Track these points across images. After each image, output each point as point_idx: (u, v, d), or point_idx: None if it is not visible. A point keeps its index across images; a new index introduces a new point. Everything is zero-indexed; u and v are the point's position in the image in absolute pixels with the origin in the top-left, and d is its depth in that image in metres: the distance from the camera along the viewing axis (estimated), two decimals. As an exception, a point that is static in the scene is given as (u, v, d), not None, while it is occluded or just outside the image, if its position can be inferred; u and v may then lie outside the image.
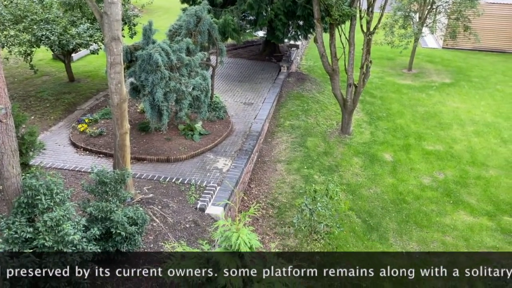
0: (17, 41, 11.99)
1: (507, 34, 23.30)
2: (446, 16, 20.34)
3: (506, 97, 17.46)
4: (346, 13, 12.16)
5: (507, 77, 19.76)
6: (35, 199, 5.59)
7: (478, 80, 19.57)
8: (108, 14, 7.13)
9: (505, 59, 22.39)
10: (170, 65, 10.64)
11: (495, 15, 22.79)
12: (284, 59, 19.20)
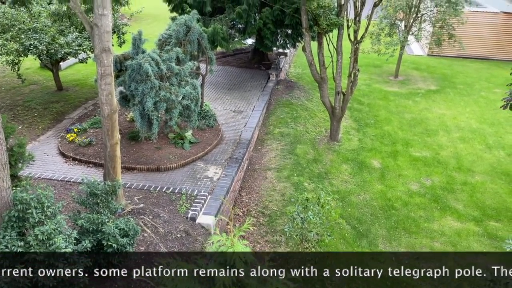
0: (4, 50, 11.89)
1: (491, 41, 23.84)
2: (431, 24, 20.75)
3: (490, 104, 17.84)
4: (333, 23, 12.35)
5: (491, 84, 20.20)
6: (26, 213, 5.56)
7: (463, 87, 19.97)
8: (99, 25, 7.15)
9: (489, 66, 22.89)
10: (160, 74, 10.66)
11: (479, 23, 23.31)
12: (273, 67, 19.36)
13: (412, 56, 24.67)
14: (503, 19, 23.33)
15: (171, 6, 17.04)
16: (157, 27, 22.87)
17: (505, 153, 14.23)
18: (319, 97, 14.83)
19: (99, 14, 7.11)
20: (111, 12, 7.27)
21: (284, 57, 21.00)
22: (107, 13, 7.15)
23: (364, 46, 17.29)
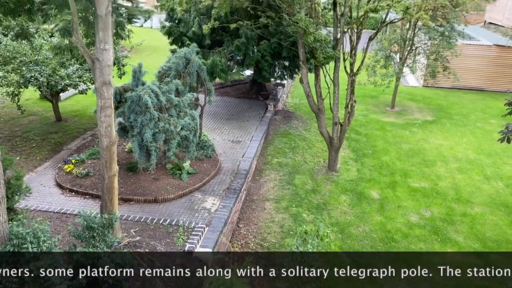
0: (5, 82, 12.02)
1: (485, 73, 24.29)
2: (426, 57, 21.19)
3: (487, 134, 17.98)
4: (330, 56, 12.58)
5: (486, 115, 20.43)
6: (21, 248, 5.47)
7: (459, 117, 20.17)
8: (100, 60, 7.27)
9: (484, 97, 23.22)
10: (160, 106, 10.75)
11: (473, 56, 23.83)
12: (270, 97, 19.57)
13: (408, 87, 25.04)
14: (496, 52, 23.86)
15: (171, 39, 17.39)
16: (157, 58, 23.25)
17: (504, 184, 14.23)
18: (316, 127, 14.93)
19: (101, 48, 7.24)
20: (112, 47, 7.41)
21: (282, 88, 21.28)
22: (108, 47, 7.28)
23: (361, 78, 17.57)
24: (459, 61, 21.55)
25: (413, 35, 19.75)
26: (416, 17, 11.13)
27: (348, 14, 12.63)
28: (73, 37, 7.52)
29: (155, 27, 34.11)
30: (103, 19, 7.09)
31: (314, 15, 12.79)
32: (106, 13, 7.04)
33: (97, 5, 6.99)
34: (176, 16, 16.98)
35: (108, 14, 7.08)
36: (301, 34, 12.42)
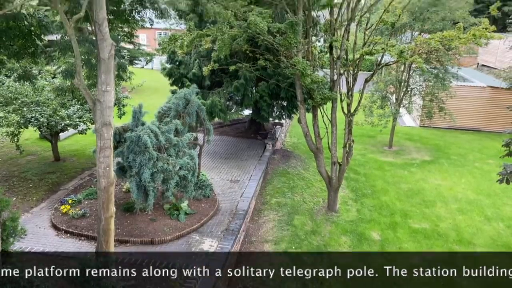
0: (5, 122, 12.11)
1: (480, 114, 24.66)
2: (421, 98, 21.56)
3: (485, 175, 17.97)
4: (327, 97, 12.79)
5: (483, 155, 20.52)
6: (13, 293, 5.30)
7: (457, 157, 20.25)
8: (101, 101, 7.37)
9: (480, 138, 23.43)
10: (159, 146, 10.80)
11: (468, 97, 24.29)
12: (269, 136, 19.71)
13: (405, 127, 25.31)
14: (490, 93, 24.35)
15: (172, 80, 17.72)
16: (157, 99, 23.57)
17: (504, 225, 14.07)
18: (315, 166, 14.92)
19: (103, 90, 7.36)
20: (114, 89, 7.53)
21: (280, 127, 21.47)
22: (110, 89, 7.41)
23: (358, 118, 17.77)
24: (455, 102, 21.92)
25: (408, 76, 20.19)
26: (411, 60, 11.42)
27: (344, 57, 12.96)
28: (76, 80, 7.66)
29: (156, 68, 34.85)
30: (105, 62, 7.26)
31: (311, 57, 13.11)
32: (109, 57, 7.22)
33: (100, 49, 7.18)
34: (177, 58, 17.39)
35: (110, 57, 7.25)
36: (299, 76, 12.68)
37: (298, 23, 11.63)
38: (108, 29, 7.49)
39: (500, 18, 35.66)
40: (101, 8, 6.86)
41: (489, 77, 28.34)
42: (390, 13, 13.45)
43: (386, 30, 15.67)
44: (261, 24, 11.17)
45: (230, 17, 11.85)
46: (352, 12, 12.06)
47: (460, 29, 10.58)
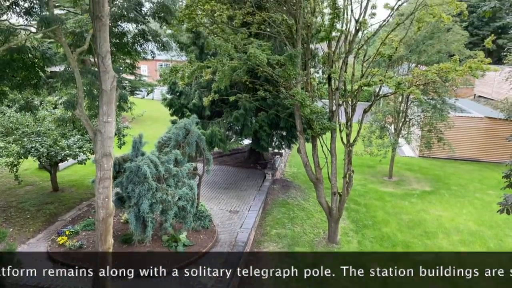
0: (5, 152, 12.11)
1: (478, 144, 24.75)
2: (420, 128, 21.70)
3: (486, 206, 17.85)
4: (326, 127, 12.86)
5: (484, 186, 20.45)
6: (5, 329, 5.14)
7: (457, 188, 20.16)
8: (102, 132, 7.41)
9: (480, 168, 23.42)
10: (158, 176, 10.78)
11: (466, 127, 24.46)
12: (268, 166, 19.69)
13: (404, 157, 25.33)
14: (487, 124, 24.53)
15: (172, 110, 17.88)
16: (157, 129, 23.70)
17: (507, 257, 13.82)
18: (315, 197, 14.82)
19: (104, 121, 7.41)
20: (115, 119, 7.59)
21: (280, 157, 21.49)
22: (111, 120, 7.46)
23: (357, 148, 17.81)
24: (453, 133, 22.06)
25: (406, 107, 20.40)
26: (408, 92, 11.57)
27: (343, 88, 13.13)
28: (77, 110, 7.73)
29: (156, 99, 35.26)
30: (107, 94, 7.35)
31: (310, 88, 13.29)
32: (111, 88, 7.31)
33: (103, 81, 7.28)
34: (178, 89, 17.62)
35: (112, 89, 7.34)
36: (298, 107, 12.81)
37: (297, 55, 11.86)
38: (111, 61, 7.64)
39: (495, 51, 36.48)
40: (104, 42, 7.01)
41: (487, 108, 28.64)
42: (387, 46, 13.74)
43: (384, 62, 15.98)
44: (261, 56, 11.37)
45: (231, 49, 12.10)
46: (349, 45, 12.32)
47: (456, 61, 10.79)
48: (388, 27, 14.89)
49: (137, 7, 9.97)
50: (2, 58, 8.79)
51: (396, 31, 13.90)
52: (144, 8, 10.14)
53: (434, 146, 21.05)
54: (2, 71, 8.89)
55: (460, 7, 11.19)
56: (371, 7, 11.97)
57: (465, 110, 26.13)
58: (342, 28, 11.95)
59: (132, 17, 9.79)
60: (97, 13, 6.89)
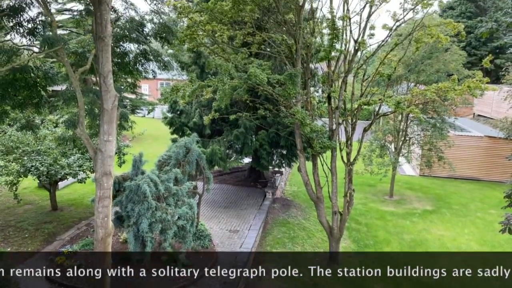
0: (5, 171, 12.09)
1: (479, 163, 24.71)
2: (420, 147, 21.71)
3: (488, 225, 17.70)
4: (326, 146, 12.86)
5: (485, 205, 20.33)
6: None
7: (458, 207, 20.04)
8: (103, 151, 7.42)
9: (481, 187, 23.32)
10: (158, 195, 10.73)
11: (466, 146, 24.47)
12: (269, 185, 19.62)
13: (405, 176, 25.27)
14: (487, 143, 24.55)
15: (173, 128, 17.94)
16: (157, 147, 23.72)
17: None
18: (315, 216, 14.71)
19: (104, 140, 7.43)
20: (115, 138, 7.61)
21: (280, 175, 21.44)
22: (112, 139, 7.48)
23: (358, 167, 17.79)
24: (453, 151, 22.06)
25: (406, 126, 20.46)
26: (408, 111, 11.62)
27: (342, 107, 13.20)
28: (78, 129, 7.76)
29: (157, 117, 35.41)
30: (109, 113, 7.39)
31: (310, 107, 13.36)
32: (112, 107, 7.36)
33: (104, 100, 7.33)
34: (178, 107, 17.72)
35: (114, 108, 7.39)
36: (298, 125, 12.84)
37: (296, 74, 11.96)
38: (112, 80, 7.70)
39: (493, 70, 36.83)
40: (106, 61, 7.09)
41: (486, 127, 28.71)
42: (386, 65, 13.87)
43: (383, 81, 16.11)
44: (261, 76, 11.47)
45: (231, 68, 12.22)
46: (349, 65, 12.44)
47: (455, 81, 10.87)
48: (387, 47, 15.08)
49: (139, 28, 10.09)
50: (4, 78, 8.86)
51: (395, 51, 14.07)
52: (146, 28, 10.26)
53: (434, 165, 21.01)
54: (5, 91, 8.94)
55: (457, 28, 11.35)
56: (369, 28, 12.15)
57: (464, 129, 26.21)
58: (341, 48, 12.09)
59: (134, 37, 9.89)
60: (99, 34, 6.99)
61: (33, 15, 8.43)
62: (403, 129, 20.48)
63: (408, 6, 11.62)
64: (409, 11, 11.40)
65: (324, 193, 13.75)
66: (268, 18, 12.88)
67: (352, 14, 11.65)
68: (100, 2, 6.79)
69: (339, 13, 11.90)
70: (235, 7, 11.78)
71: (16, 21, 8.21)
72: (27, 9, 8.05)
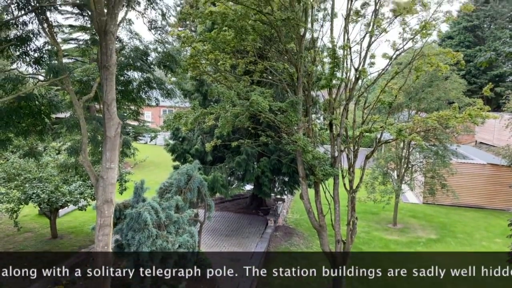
0: (6, 198, 12.05)
1: (482, 191, 24.51)
2: (422, 174, 21.60)
3: (494, 254, 17.37)
4: (328, 173, 12.81)
5: (490, 233, 20.03)
6: None
7: (463, 236, 19.74)
8: (104, 178, 7.41)
9: (485, 215, 23.04)
10: (159, 223, 10.63)
11: (469, 174, 24.35)
12: (271, 212, 19.43)
13: (408, 204, 25.04)
14: (490, 171, 24.43)
15: (175, 155, 17.97)
16: (159, 174, 23.70)
17: (521, 309, 13.26)
18: (318, 244, 14.49)
19: (106, 167, 7.44)
20: (117, 166, 7.61)
21: (282, 203, 21.26)
22: (114, 166, 7.48)
23: (360, 194, 17.68)
24: (457, 179, 21.94)
25: (408, 153, 20.43)
26: (409, 138, 11.64)
27: (344, 134, 13.23)
28: (81, 157, 7.77)
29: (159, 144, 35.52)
30: (111, 140, 7.42)
31: (311, 134, 13.40)
32: (115, 135, 7.40)
33: (107, 128, 7.38)
34: (181, 134, 17.80)
35: (116, 135, 7.43)
36: (300, 152, 12.84)
37: (298, 102, 12.07)
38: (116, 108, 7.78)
39: (493, 98, 37.08)
40: (110, 90, 7.18)
41: (488, 154, 28.65)
42: (387, 93, 13.99)
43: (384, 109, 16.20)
44: (263, 103, 11.58)
45: (233, 96, 12.35)
46: (350, 92, 12.56)
47: (456, 109, 10.94)
48: (388, 75, 15.26)
49: (143, 56, 10.28)
50: (9, 106, 8.95)
51: (395, 79, 14.23)
52: (150, 57, 10.45)
53: (438, 193, 20.84)
54: (9, 118, 9.02)
55: (456, 57, 11.50)
56: (370, 57, 12.33)
57: (467, 157, 26.14)
58: (342, 77, 12.23)
59: (138, 66, 10.06)
60: (104, 63, 7.11)
61: (40, 44, 8.61)
62: (405, 157, 20.44)
63: (407, 36, 11.83)
64: (408, 41, 11.59)
65: (327, 221, 13.59)
66: (270, 47, 13.12)
67: (352, 44, 11.85)
68: (106, 32, 6.95)
69: (339, 42, 12.14)
70: (238, 36, 12.01)
71: (23, 50, 8.37)
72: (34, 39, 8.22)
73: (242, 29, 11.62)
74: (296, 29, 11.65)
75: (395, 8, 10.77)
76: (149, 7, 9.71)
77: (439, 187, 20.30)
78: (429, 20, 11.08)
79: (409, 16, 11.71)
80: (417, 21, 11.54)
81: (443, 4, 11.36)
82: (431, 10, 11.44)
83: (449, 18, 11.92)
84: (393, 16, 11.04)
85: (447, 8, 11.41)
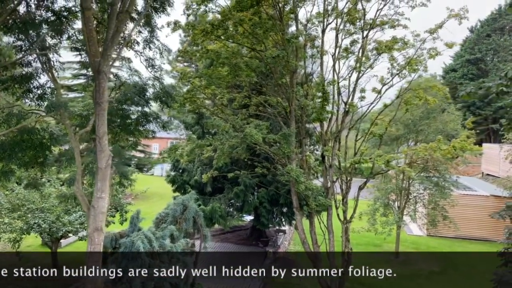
0: (9, 228, 12.46)
1: (486, 223, 24.18)
2: (423, 206, 21.54)
3: (496, 287, 17.06)
4: (322, 203, 13.04)
5: (493, 266, 19.65)
6: None
7: (466, 268, 19.42)
8: (95, 207, 7.81)
9: (489, 248, 22.63)
10: (152, 252, 10.88)
11: (472, 205, 24.14)
12: (270, 244, 19.48)
13: (412, 236, 24.79)
14: (493, 202, 24.19)
15: (175, 186, 18.36)
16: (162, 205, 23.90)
17: None
18: (315, 277, 14.47)
19: (97, 197, 7.85)
20: (108, 195, 8.02)
21: (283, 234, 21.28)
22: (104, 196, 7.89)
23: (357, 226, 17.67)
24: (459, 211, 21.81)
25: (408, 184, 20.47)
26: (400, 170, 11.89)
27: (336, 165, 13.52)
28: (75, 187, 8.21)
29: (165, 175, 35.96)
30: (102, 171, 7.87)
31: (305, 166, 13.72)
32: (106, 166, 7.85)
33: (99, 159, 7.85)
34: (181, 166, 18.26)
35: (107, 166, 7.88)
36: (293, 183, 13.14)
37: (290, 134, 12.49)
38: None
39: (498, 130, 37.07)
40: (102, 124, 7.70)
41: (493, 186, 28.42)
42: (379, 125, 14.35)
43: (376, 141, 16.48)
44: (256, 136, 12.02)
45: (229, 128, 12.83)
46: (341, 125, 12.96)
47: (441, 141, 11.21)
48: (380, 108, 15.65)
49: (141, 92, 10.89)
50: (13, 139, 9.53)
51: (388, 112, 14.61)
52: (147, 93, 11.06)
53: (441, 225, 20.67)
54: (12, 151, 9.58)
55: (442, 90, 11.90)
56: (360, 91, 12.81)
57: (469, 188, 25.98)
58: (332, 110, 12.68)
59: (136, 101, 10.66)
60: (97, 100, 7.67)
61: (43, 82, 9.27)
62: (406, 188, 20.48)
63: (395, 71, 12.31)
64: (395, 76, 12.05)
65: (322, 251, 13.63)
66: (266, 82, 13.71)
67: (341, 80, 12.36)
68: (99, 72, 7.54)
69: (330, 77, 12.67)
70: (232, 73, 12.63)
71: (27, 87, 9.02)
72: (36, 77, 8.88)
73: (235, 66, 12.25)
74: (287, 66, 12.24)
75: (378, 47, 11.31)
76: (146, 47, 10.40)
77: (440, 219, 20.18)
78: (413, 57, 11.56)
79: (397, 53, 12.25)
80: (402, 58, 12.05)
81: (427, 42, 11.86)
82: (416, 47, 11.96)
83: (436, 54, 12.38)
84: (376, 54, 11.56)
85: (432, 45, 11.87)
